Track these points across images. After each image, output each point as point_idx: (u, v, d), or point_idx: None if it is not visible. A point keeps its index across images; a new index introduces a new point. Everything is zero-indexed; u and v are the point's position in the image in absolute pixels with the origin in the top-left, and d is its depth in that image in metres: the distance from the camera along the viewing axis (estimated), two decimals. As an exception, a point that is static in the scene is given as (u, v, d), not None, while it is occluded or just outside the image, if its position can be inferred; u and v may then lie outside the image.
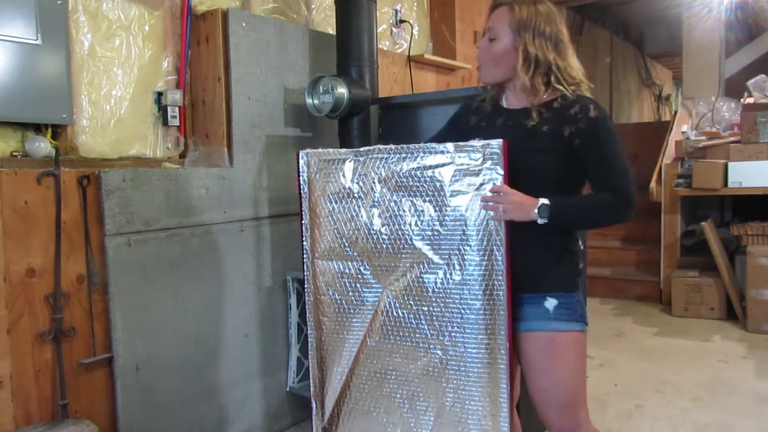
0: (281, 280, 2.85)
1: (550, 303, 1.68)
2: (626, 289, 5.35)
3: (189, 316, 2.46)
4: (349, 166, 1.84)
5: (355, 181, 1.83)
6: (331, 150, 1.90)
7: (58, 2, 2.17)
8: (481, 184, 1.65)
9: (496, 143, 1.62)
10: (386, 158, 1.77)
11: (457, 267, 1.71)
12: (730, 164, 4.60)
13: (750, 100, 4.94)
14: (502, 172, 1.62)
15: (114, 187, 2.21)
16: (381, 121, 2.49)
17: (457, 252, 1.70)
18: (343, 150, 1.87)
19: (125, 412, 2.24)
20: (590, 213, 1.67)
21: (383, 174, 1.78)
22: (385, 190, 1.78)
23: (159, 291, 2.35)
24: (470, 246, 1.68)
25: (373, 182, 1.80)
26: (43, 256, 2.07)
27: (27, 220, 2.03)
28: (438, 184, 1.70)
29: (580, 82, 1.69)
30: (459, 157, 1.67)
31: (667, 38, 8.15)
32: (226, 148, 2.65)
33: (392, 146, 1.76)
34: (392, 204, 1.78)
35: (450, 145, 1.69)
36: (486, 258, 1.66)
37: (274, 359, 2.83)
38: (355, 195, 1.83)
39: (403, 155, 1.75)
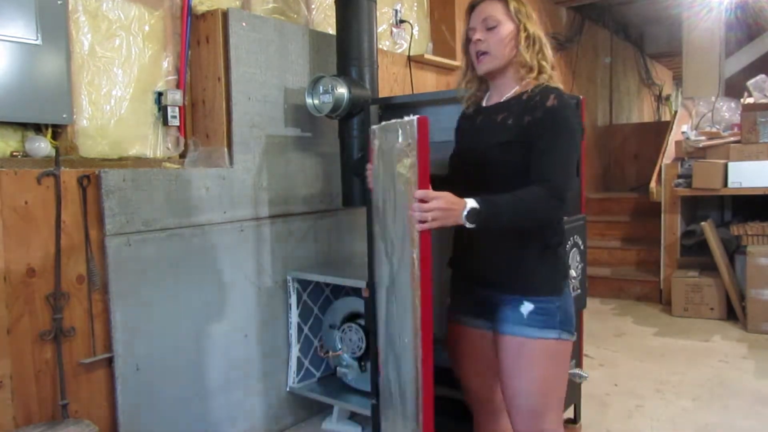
0: (281, 280, 2.85)
1: (526, 308, 1.65)
2: (626, 289, 5.35)
3: (189, 316, 2.46)
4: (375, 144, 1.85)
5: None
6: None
7: (58, 2, 2.17)
8: (412, 166, 1.51)
9: (413, 119, 1.49)
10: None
11: (395, 262, 1.64)
12: (730, 164, 4.60)
13: (750, 100, 4.94)
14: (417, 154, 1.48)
15: (114, 187, 2.21)
16: (381, 121, 2.49)
17: (398, 246, 1.61)
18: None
19: (125, 412, 2.24)
20: (523, 210, 1.56)
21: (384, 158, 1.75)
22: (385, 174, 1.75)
23: (159, 291, 2.35)
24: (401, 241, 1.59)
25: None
26: (43, 256, 2.07)
27: (27, 220, 2.03)
28: (393, 169, 1.61)
29: (552, 69, 1.72)
30: (387, 138, 1.64)
31: (667, 38, 8.15)
32: (226, 148, 2.65)
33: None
34: (390, 188, 1.70)
35: (376, 127, 1.69)
36: (406, 257, 1.56)
37: (274, 359, 2.83)
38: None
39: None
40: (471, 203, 1.51)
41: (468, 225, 1.51)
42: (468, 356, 1.84)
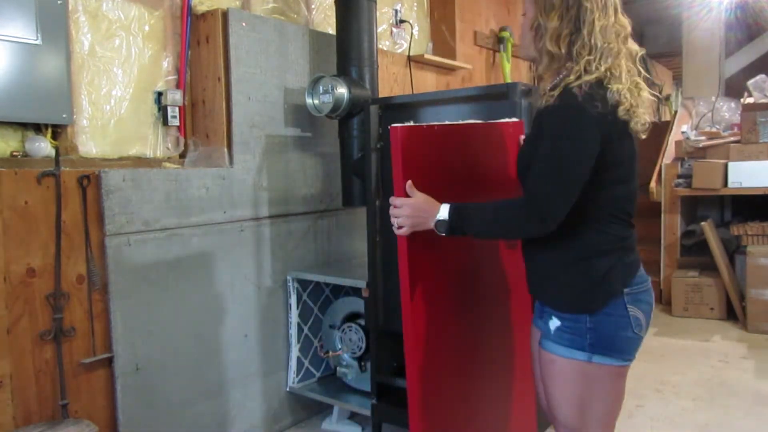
0: (281, 280, 2.85)
1: (554, 323, 1.55)
2: (626, 289, 5.34)
3: (189, 316, 2.46)
4: None
5: None
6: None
7: (58, 2, 2.17)
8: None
9: (393, 128, 1.53)
10: None
11: None
12: (730, 164, 4.60)
13: (750, 100, 4.93)
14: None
15: (114, 187, 2.21)
16: (381, 121, 2.49)
17: None
18: None
19: (125, 412, 2.24)
20: (496, 225, 1.50)
21: None
22: None
23: (159, 291, 2.35)
24: None
25: None
26: (43, 256, 2.07)
27: (27, 220, 2.03)
28: None
29: (599, 53, 1.46)
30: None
31: (667, 38, 8.14)
32: (226, 148, 2.65)
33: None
34: None
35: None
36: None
37: (274, 359, 2.83)
38: None
39: None
40: (442, 213, 1.49)
41: (438, 232, 1.51)
42: (534, 357, 1.78)
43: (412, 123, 1.67)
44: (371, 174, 2.47)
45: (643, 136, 1.55)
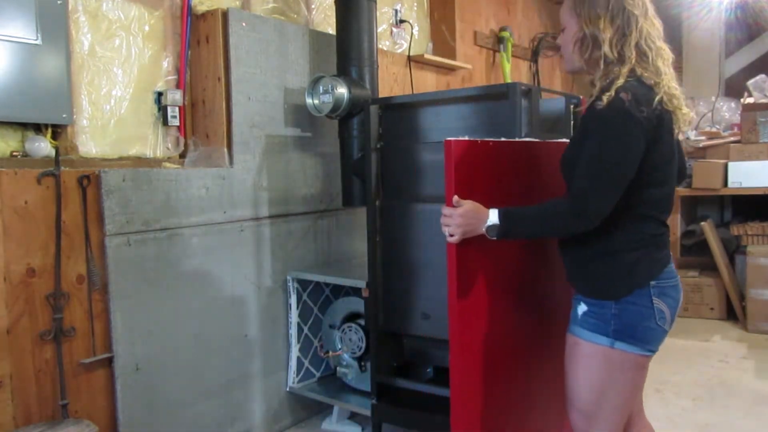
0: (281, 280, 2.85)
1: (581, 308, 1.64)
2: (626, 289, 5.34)
3: (189, 316, 2.46)
4: None
5: None
6: None
7: (58, 2, 2.17)
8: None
9: (447, 141, 1.66)
10: None
11: None
12: (730, 164, 4.60)
13: (750, 100, 4.93)
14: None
15: (114, 187, 2.21)
16: (381, 121, 2.49)
17: None
18: None
19: (125, 412, 2.24)
20: (542, 225, 1.60)
21: None
22: None
23: (159, 291, 2.35)
24: None
25: None
26: (43, 256, 2.07)
27: (27, 220, 2.03)
28: None
29: (638, 59, 1.55)
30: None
31: (667, 38, 8.12)
32: (226, 148, 2.65)
33: None
34: None
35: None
36: None
37: (274, 359, 2.83)
38: None
39: None
40: (492, 218, 1.59)
41: (489, 237, 1.60)
42: None
43: (467, 137, 1.73)
44: (371, 174, 2.47)
45: (686, 130, 1.66)
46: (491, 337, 1.86)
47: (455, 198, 1.65)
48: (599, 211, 1.50)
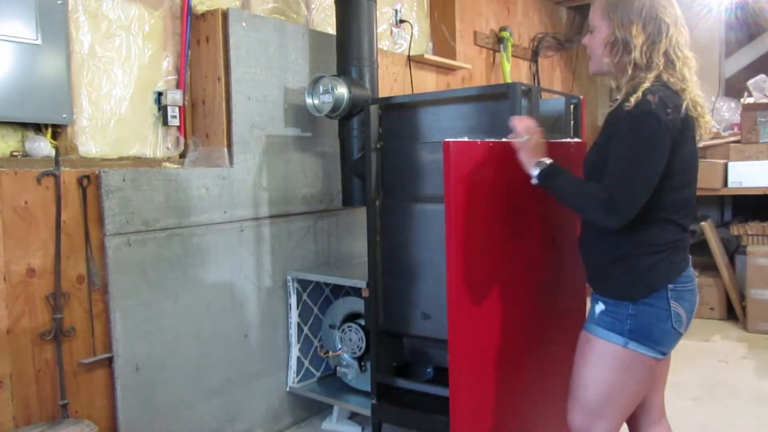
0: (281, 280, 2.85)
1: (599, 307, 1.67)
2: (626, 289, 5.34)
3: (189, 316, 2.46)
4: None
5: None
6: None
7: (58, 2, 2.17)
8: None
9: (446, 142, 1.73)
10: None
11: None
12: (730, 164, 4.60)
13: (750, 100, 4.93)
14: None
15: (114, 187, 2.21)
16: (381, 121, 2.49)
17: None
18: None
19: (125, 412, 2.24)
20: (576, 195, 1.63)
21: None
22: None
23: (159, 291, 2.35)
24: None
25: None
26: (43, 256, 2.07)
27: (27, 220, 2.03)
28: None
29: (666, 65, 1.59)
30: None
31: (667, 38, 8.12)
32: (226, 148, 2.65)
33: None
34: None
35: None
36: None
37: (274, 359, 2.83)
38: None
39: None
40: (545, 160, 1.69)
41: (533, 173, 1.70)
42: None
43: (466, 138, 1.73)
44: (371, 174, 2.47)
45: (708, 140, 1.70)
46: (491, 338, 1.86)
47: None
48: (629, 212, 1.53)
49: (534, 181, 1.70)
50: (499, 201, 1.86)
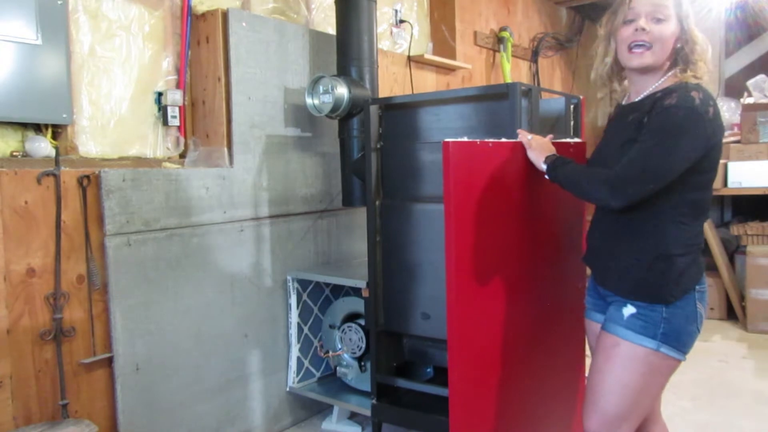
0: (281, 280, 2.85)
1: (628, 310, 1.62)
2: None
3: (189, 316, 2.46)
4: None
5: None
6: None
7: (58, 2, 2.17)
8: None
9: (445, 143, 1.73)
10: None
11: None
12: (730, 164, 4.60)
13: (750, 100, 4.93)
14: None
15: (114, 187, 2.21)
16: (381, 121, 2.49)
17: None
18: None
19: (125, 412, 2.24)
20: (581, 180, 1.64)
21: None
22: None
23: (159, 291, 2.35)
24: None
25: None
26: (43, 256, 2.07)
27: (27, 220, 2.03)
28: None
29: (707, 65, 1.64)
30: None
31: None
32: (226, 148, 2.65)
33: None
34: None
35: None
36: None
37: (274, 359, 2.83)
38: None
39: None
40: (553, 155, 1.75)
41: (543, 164, 1.75)
42: (593, 351, 1.83)
43: (466, 138, 1.73)
44: (371, 174, 2.47)
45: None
46: (490, 338, 1.86)
47: (522, 132, 1.88)
48: (633, 197, 1.51)
49: (546, 175, 1.74)
50: (499, 201, 1.86)
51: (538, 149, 1.80)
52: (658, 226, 1.58)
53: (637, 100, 1.67)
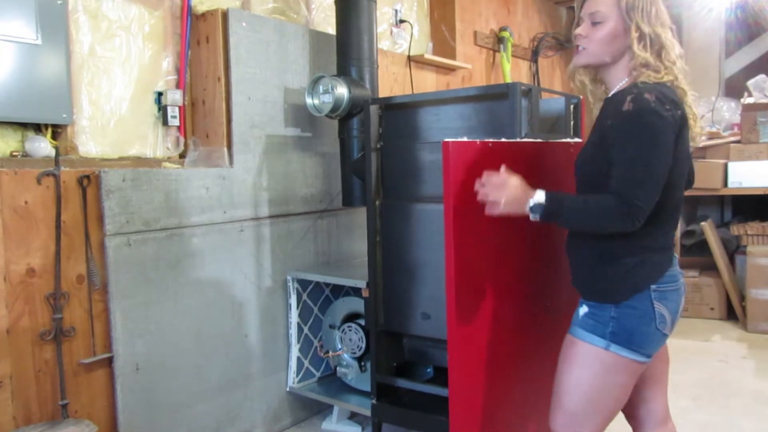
0: (281, 280, 2.85)
1: (582, 309, 1.65)
2: (626, 289, 5.33)
3: (189, 316, 2.46)
4: None
5: None
6: None
7: (58, 2, 2.17)
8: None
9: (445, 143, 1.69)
10: None
11: None
12: (730, 164, 4.60)
13: (750, 100, 4.93)
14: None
15: (114, 187, 2.21)
16: (381, 121, 2.49)
17: None
18: None
19: (125, 412, 2.24)
20: (587, 216, 1.55)
21: None
22: None
23: (159, 291, 2.35)
24: None
25: None
26: (43, 256, 2.07)
27: (27, 220, 2.03)
28: None
29: (670, 65, 1.58)
30: None
31: (667, 38, 8.12)
32: (226, 148, 2.65)
33: None
34: None
35: None
36: None
37: (274, 359, 2.83)
38: None
39: None
40: (538, 196, 1.55)
41: (531, 216, 1.56)
42: None
43: (465, 138, 1.72)
44: (371, 174, 2.47)
45: (700, 144, 1.67)
46: (491, 338, 1.86)
47: (504, 167, 1.61)
48: (645, 212, 1.49)
49: (535, 217, 1.57)
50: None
51: (511, 200, 1.57)
52: None
53: (608, 96, 1.68)
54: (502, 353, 1.91)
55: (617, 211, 1.49)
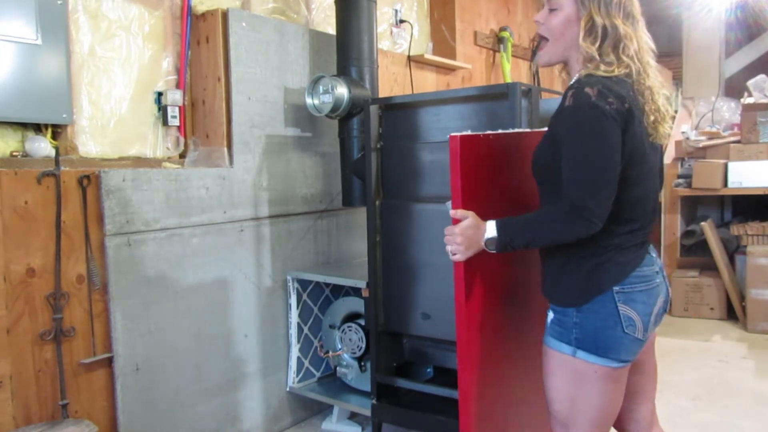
0: (281, 280, 2.85)
1: (549, 316, 1.59)
2: (626, 289, 5.33)
3: (189, 316, 2.46)
4: None
5: None
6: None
7: (58, 2, 2.17)
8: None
9: (452, 137, 1.61)
10: None
11: None
12: (730, 164, 4.60)
13: (750, 100, 4.93)
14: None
15: (114, 187, 2.21)
16: (381, 121, 2.49)
17: None
18: None
19: (125, 412, 2.24)
20: (543, 231, 1.50)
21: None
22: None
23: (159, 291, 2.35)
24: None
25: None
26: (43, 256, 2.07)
27: (27, 220, 2.03)
28: None
29: (628, 60, 1.48)
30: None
31: (667, 38, 8.12)
32: (226, 148, 2.65)
33: None
34: None
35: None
36: None
37: (274, 359, 2.83)
38: None
39: None
40: (489, 231, 1.52)
41: (489, 251, 1.54)
42: None
43: (469, 132, 1.70)
44: (371, 174, 2.48)
45: (666, 142, 1.58)
46: (498, 340, 1.85)
47: (457, 212, 1.58)
48: (600, 210, 1.42)
49: (493, 251, 1.54)
50: (504, 196, 1.84)
51: (468, 244, 1.56)
52: None
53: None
54: (508, 355, 1.89)
55: (569, 218, 1.43)
